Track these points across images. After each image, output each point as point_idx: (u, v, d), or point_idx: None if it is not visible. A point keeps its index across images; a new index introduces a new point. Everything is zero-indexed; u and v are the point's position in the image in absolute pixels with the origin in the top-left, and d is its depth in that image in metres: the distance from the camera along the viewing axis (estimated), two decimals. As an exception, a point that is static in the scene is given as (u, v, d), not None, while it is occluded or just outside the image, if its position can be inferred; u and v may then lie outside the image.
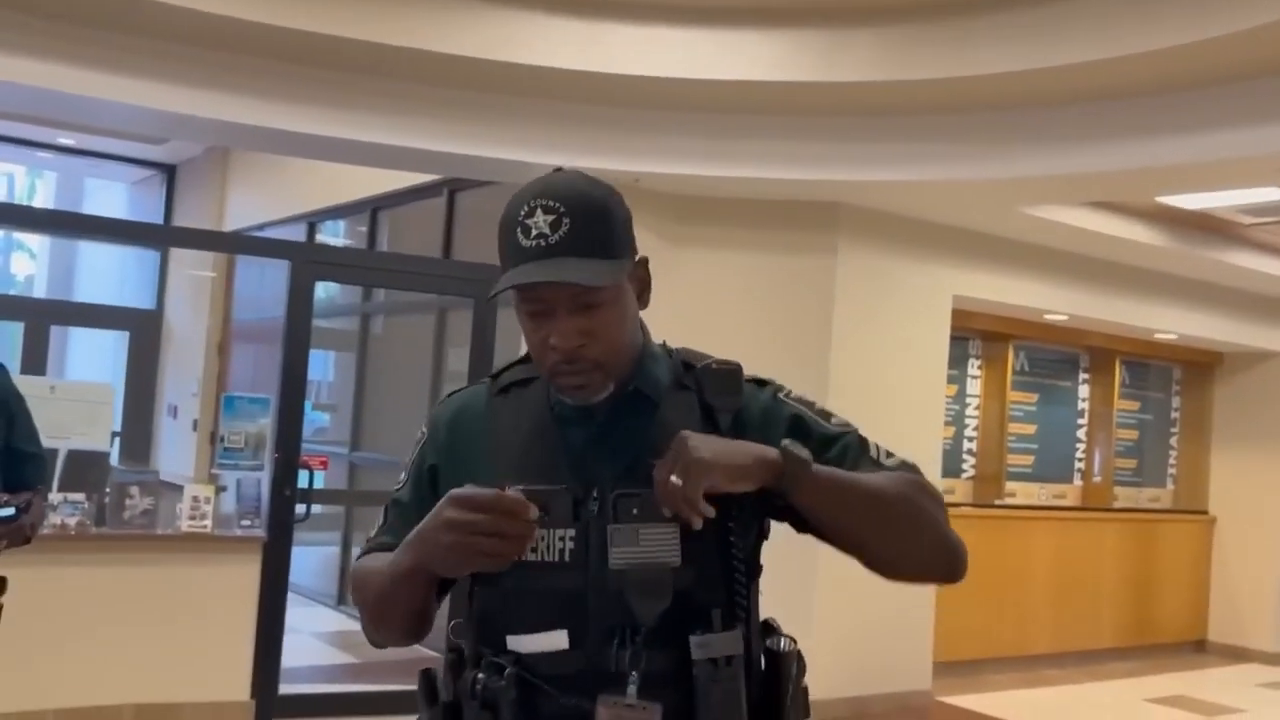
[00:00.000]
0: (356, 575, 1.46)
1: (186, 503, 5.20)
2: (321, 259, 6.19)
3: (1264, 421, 8.99)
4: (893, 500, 1.33)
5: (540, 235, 1.33)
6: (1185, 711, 7.06)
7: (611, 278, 1.33)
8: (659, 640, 1.30)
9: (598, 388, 1.36)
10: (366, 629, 1.47)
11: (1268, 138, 4.62)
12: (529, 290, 1.34)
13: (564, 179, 1.38)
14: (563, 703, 1.30)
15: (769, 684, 1.40)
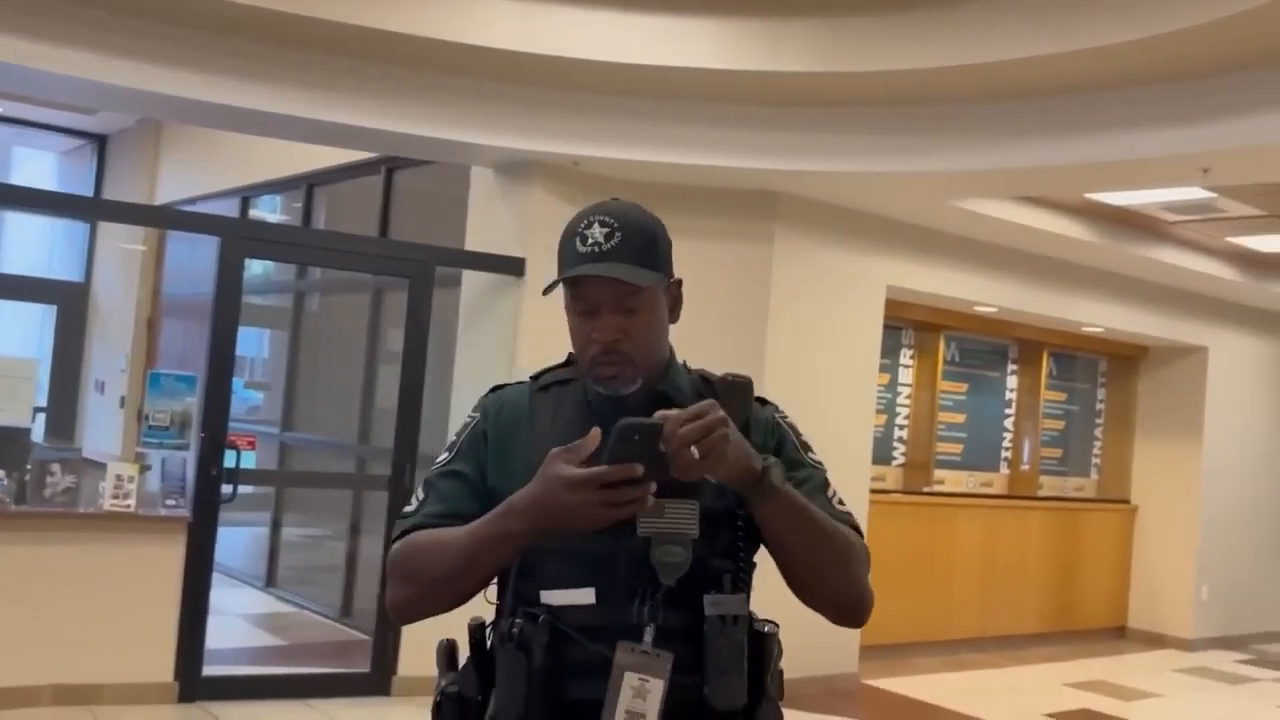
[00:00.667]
0: (412, 546, 1.55)
1: (110, 481, 5.11)
2: (252, 235, 6.10)
3: (1185, 414, 9.23)
4: (836, 544, 1.54)
5: (595, 243, 1.55)
6: (1104, 696, 7.24)
7: (650, 282, 1.55)
8: (675, 600, 1.49)
9: (628, 380, 1.56)
10: (408, 603, 1.56)
11: (1192, 138, 4.74)
12: (580, 289, 1.55)
13: (619, 204, 1.62)
14: (588, 649, 1.47)
15: (754, 661, 1.56)
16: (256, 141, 7.15)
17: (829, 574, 1.56)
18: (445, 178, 6.74)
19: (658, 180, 6.11)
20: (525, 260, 5.88)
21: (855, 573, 1.59)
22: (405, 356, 5.80)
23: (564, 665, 1.49)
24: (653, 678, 1.45)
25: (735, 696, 1.49)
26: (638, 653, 1.46)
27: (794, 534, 1.50)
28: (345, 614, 7.11)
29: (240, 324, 5.57)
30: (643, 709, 1.44)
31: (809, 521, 1.51)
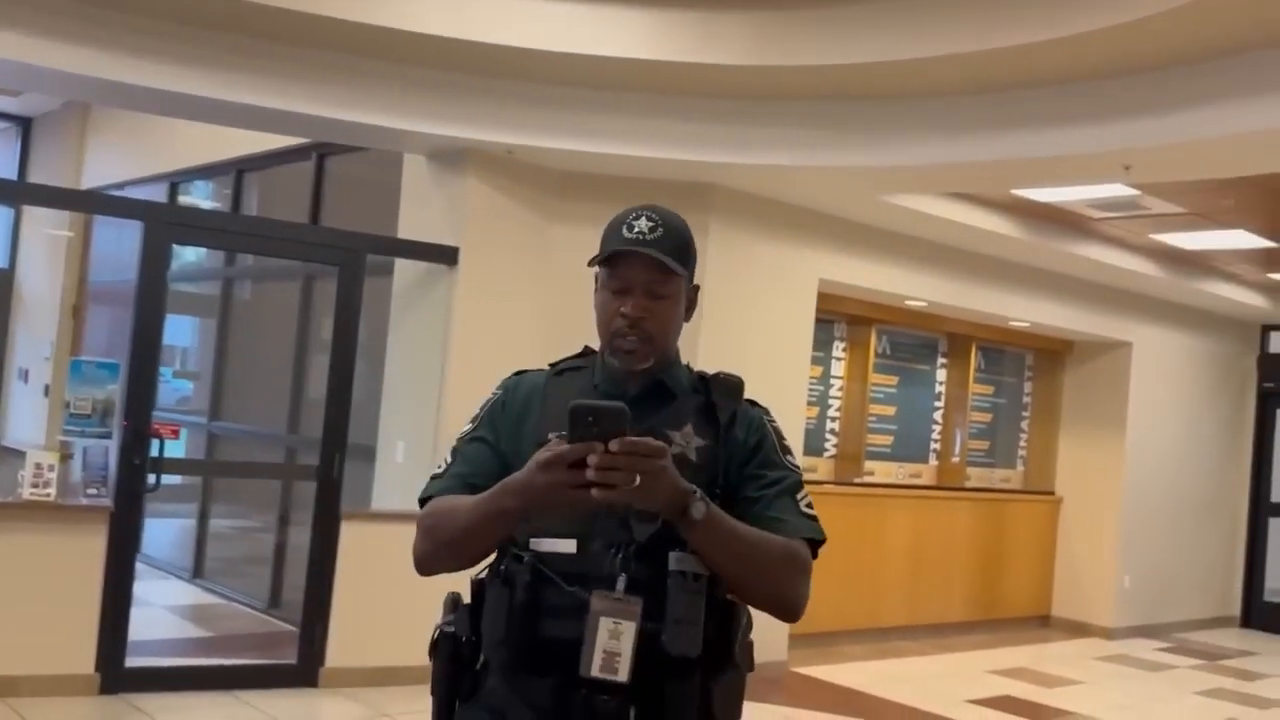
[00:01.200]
0: (435, 510, 1.75)
1: (29, 470, 5.01)
2: (178, 220, 5.99)
3: (1109, 407, 9.44)
4: (761, 563, 1.69)
5: (640, 232, 1.76)
6: (1027, 683, 7.39)
7: (680, 270, 1.77)
8: (646, 555, 1.65)
9: (643, 356, 1.77)
10: (432, 557, 1.76)
11: (1115, 135, 4.84)
12: (617, 268, 1.76)
13: (664, 208, 1.83)
14: (564, 591, 1.65)
15: (723, 628, 1.72)
16: (185, 126, 7.03)
17: (754, 586, 1.70)
18: (378, 165, 6.68)
19: (591, 170, 6.11)
20: (459, 249, 5.86)
21: (781, 584, 1.72)
22: (335, 345, 5.74)
23: (542, 605, 1.67)
24: (625, 620, 1.61)
25: (689, 645, 1.61)
26: (611, 599, 1.62)
27: (718, 556, 1.64)
28: (273, 605, 7.03)
29: (169, 312, 5.49)
30: (618, 649, 1.60)
31: (732, 546, 1.65)
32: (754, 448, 1.80)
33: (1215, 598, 10.47)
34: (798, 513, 1.77)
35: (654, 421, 1.74)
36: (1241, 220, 7.22)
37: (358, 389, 5.77)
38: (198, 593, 7.54)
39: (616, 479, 1.52)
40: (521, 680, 1.69)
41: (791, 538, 1.74)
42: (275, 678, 5.55)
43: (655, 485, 1.55)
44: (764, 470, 1.78)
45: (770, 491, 1.77)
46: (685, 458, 1.73)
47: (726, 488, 1.75)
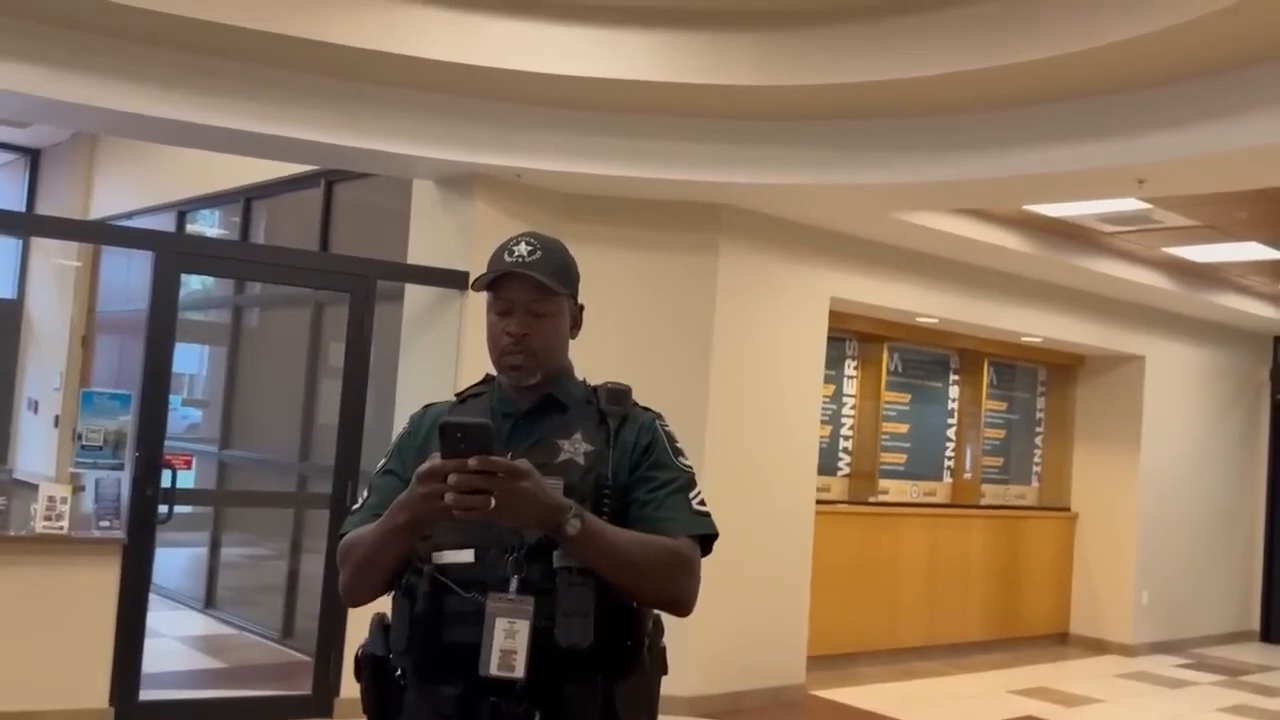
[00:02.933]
0: (348, 540, 1.85)
1: (41, 503, 4.98)
2: (187, 250, 5.98)
3: (1123, 422, 9.38)
4: (640, 567, 1.74)
5: (519, 256, 1.86)
6: (1047, 702, 7.31)
7: (560, 289, 1.88)
8: (536, 556, 1.73)
9: (529, 371, 1.87)
10: (349, 586, 1.85)
11: (1127, 150, 4.81)
12: (500, 290, 1.86)
13: (545, 235, 1.93)
14: (464, 597, 1.74)
15: (631, 632, 1.80)
16: (193, 155, 7.03)
17: (639, 589, 1.76)
18: (386, 191, 6.67)
19: (601, 193, 6.10)
20: (468, 274, 5.83)
21: (665, 585, 1.78)
22: (346, 372, 5.72)
23: (443, 612, 1.75)
24: (519, 620, 1.69)
25: (580, 635, 1.69)
26: (505, 600, 1.70)
27: (599, 565, 1.71)
28: (287, 635, 6.99)
29: (178, 340, 5.46)
30: (514, 646, 1.68)
31: (612, 555, 1.71)
32: (645, 448, 1.87)
33: (1234, 612, 10.37)
34: (688, 511, 1.84)
35: (545, 432, 1.87)
36: (1254, 232, 7.18)
37: (369, 415, 5.74)
38: (210, 623, 7.50)
39: (471, 501, 1.59)
40: (430, 689, 1.77)
41: (679, 537, 1.80)
42: (290, 708, 5.50)
43: (515, 504, 1.61)
44: (655, 472, 1.85)
45: (661, 493, 1.83)
46: (573, 462, 1.83)
47: (618, 489, 1.83)
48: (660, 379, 5.89)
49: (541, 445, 1.84)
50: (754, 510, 6.40)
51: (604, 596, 1.72)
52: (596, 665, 1.74)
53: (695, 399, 6.19)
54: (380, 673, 1.85)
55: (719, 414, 6.27)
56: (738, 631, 6.34)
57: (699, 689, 6.11)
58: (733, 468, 6.25)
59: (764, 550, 6.48)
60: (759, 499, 6.48)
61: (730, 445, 6.31)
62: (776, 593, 6.66)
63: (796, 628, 6.81)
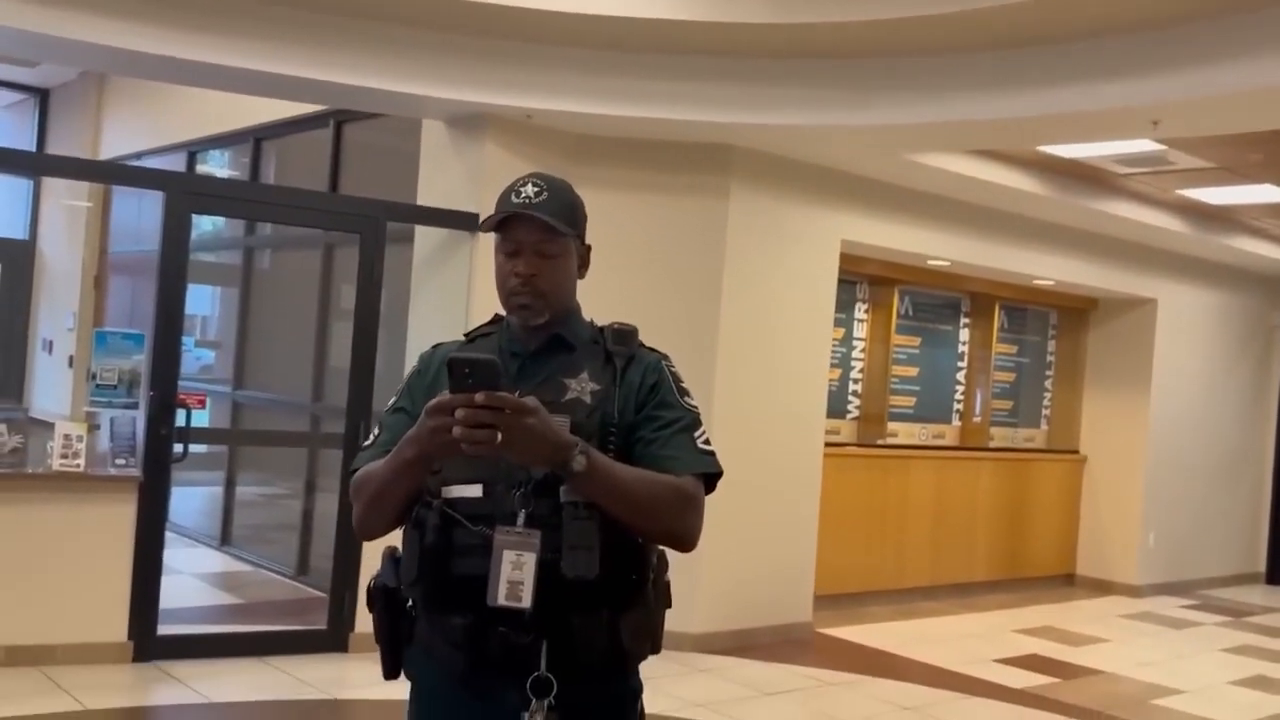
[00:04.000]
0: (360, 476, 1.87)
1: (58, 441, 5.04)
2: (199, 190, 5.98)
3: (1133, 365, 9.37)
4: (644, 504, 1.78)
5: (526, 197, 1.87)
6: (1052, 641, 7.40)
7: (567, 230, 1.88)
8: (543, 491, 1.76)
9: (537, 311, 1.89)
10: (362, 520, 1.88)
11: (1143, 90, 4.77)
12: (508, 231, 1.88)
13: (551, 175, 1.93)
14: (473, 531, 1.77)
15: (635, 567, 1.84)
16: (203, 95, 7.01)
17: (643, 525, 1.80)
18: (396, 131, 6.65)
19: (612, 134, 6.07)
20: (478, 215, 5.83)
21: (669, 521, 1.81)
22: (357, 312, 5.74)
23: (452, 545, 1.79)
24: (525, 552, 1.73)
25: (584, 568, 1.73)
26: (513, 533, 1.74)
27: (604, 501, 1.74)
28: (301, 572, 7.09)
29: (189, 281, 5.48)
30: (520, 578, 1.73)
31: (617, 491, 1.75)
32: (650, 388, 1.90)
33: (1240, 554, 10.44)
34: (693, 449, 1.87)
35: (552, 371, 1.89)
36: (1269, 175, 7.13)
37: (380, 356, 5.78)
38: (226, 560, 7.61)
39: (479, 435, 1.62)
40: (439, 619, 1.82)
41: (683, 474, 1.83)
42: (305, 644, 5.60)
43: (522, 441, 1.64)
44: (660, 411, 1.88)
45: (666, 432, 1.86)
46: (580, 400, 1.85)
47: (623, 427, 1.86)
48: (670, 321, 5.90)
49: (548, 384, 1.86)
50: (763, 452, 6.44)
51: (609, 531, 1.75)
52: (602, 598, 1.78)
53: (705, 341, 6.20)
54: (391, 603, 1.89)
55: (729, 356, 6.29)
56: (746, 570, 6.41)
57: (707, 626, 6.19)
58: (742, 410, 6.28)
59: (773, 491, 6.53)
60: (768, 441, 6.52)
61: (740, 388, 6.33)
62: (785, 533, 6.72)
63: (804, 567, 6.88)
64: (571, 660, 1.78)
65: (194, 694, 4.88)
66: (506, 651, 1.77)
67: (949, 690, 5.96)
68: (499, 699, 1.79)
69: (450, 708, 1.85)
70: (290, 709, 4.86)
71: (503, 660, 1.77)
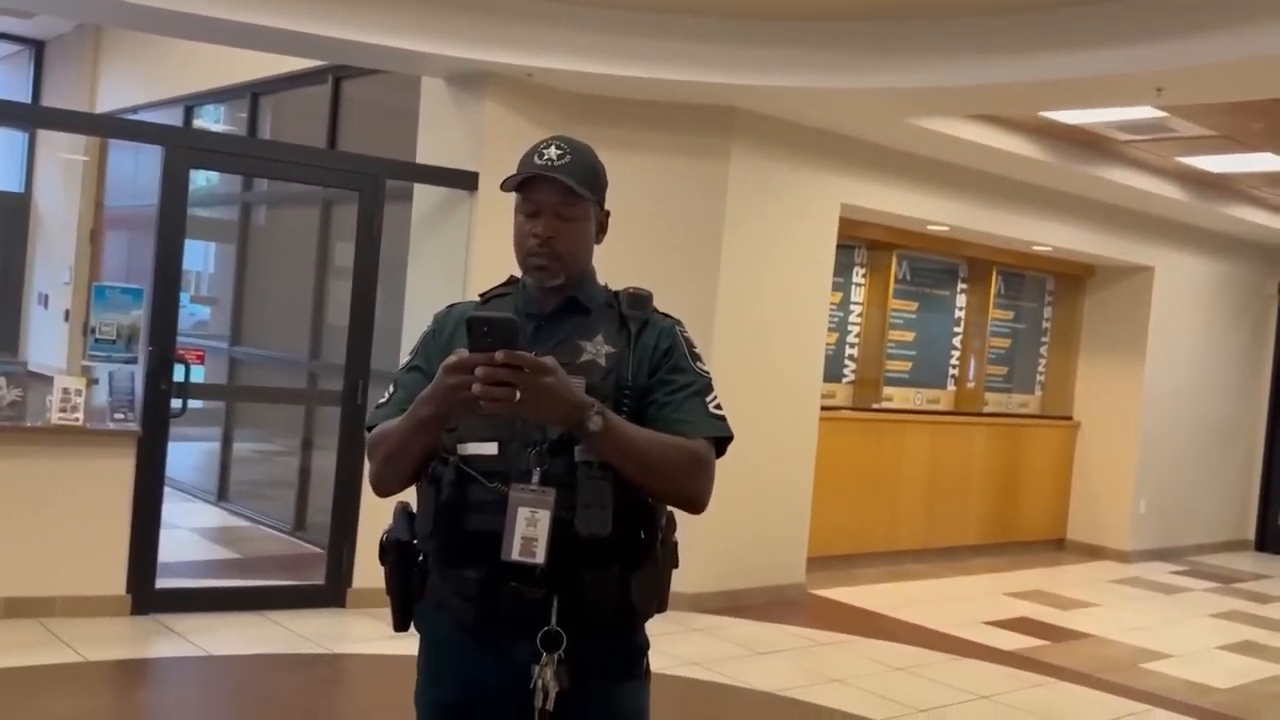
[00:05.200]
0: (376, 433, 1.90)
1: (56, 394, 5.05)
2: (197, 145, 5.95)
3: (1129, 333, 9.39)
4: (658, 466, 1.80)
5: (549, 159, 1.88)
6: (1042, 605, 7.47)
7: (587, 194, 1.89)
8: (558, 450, 1.80)
9: (554, 273, 1.90)
10: (378, 476, 1.91)
11: (1147, 56, 4.75)
12: (529, 192, 1.89)
13: (575, 139, 1.94)
14: (488, 487, 1.80)
15: (646, 527, 1.88)
16: (200, 48, 6.94)
17: (655, 486, 1.83)
18: (395, 88, 6.61)
19: (613, 94, 6.04)
20: (478, 174, 5.81)
21: (681, 483, 1.84)
22: (356, 271, 5.74)
23: (467, 501, 1.82)
24: (540, 509, 1.77)
25: (599, 526, 1.76)
26: (527, 491, 1.78)
27: (618, 462, 1.77)
28: (299, 528, 7.13)
29: (186, 237, 5.47)
30: (534, 534, 1.76)
31: (631, 453, 1.77)
32: (664, 353, 1.92)
33: (1230, 522, 10.52)
34: (705, 414, 1.90)
35: (567, 333, 1.91)
36: (1269, 143, 7.11)
37: (379, 315, 5.77)
38: (224, 515, 7.65)
39: (498, 393, 1.63)
40: (452, 573, 1.85)
41: (695, 437, 1.86)
42: (303, 598, 5.65)
43: (540, 400, 1.65)
44: (673, 375, 1.90)
45: (679, 396, 1.89)
46: (595, 363, 1.87)
47: (637, 390, 1.88)
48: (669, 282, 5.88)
49: (564, 345, 1.88)
50: (760, 414, 6.46)
51: (621, 491, 1.78)
52: (613, 555, 1.81)
53: (704, 302, 6.21)
54: (404, 557, 1.92)
55: (727, 318, 6.29)
56: (741, 531, 6.45)
57: (701, 586, 6.24)
58: (740, 371, 6.30)
59: (769, 453, 6.57)
60: (765, 403, 6.54)
61: (738, 349, 6.35)
62: (780, 495, 6.76)
63: (798, 529, 6.93)
64: (581, 615, 1.81)
65: (192, 647, 4.92)
66: (518, 605, 1.80)
67: (939, 651, 6.03)
68: (509, 651, 1.82)
69: (461, 659, 1.88)
70: (288, 663, 4.90)
71: (514, 614, 1.80)
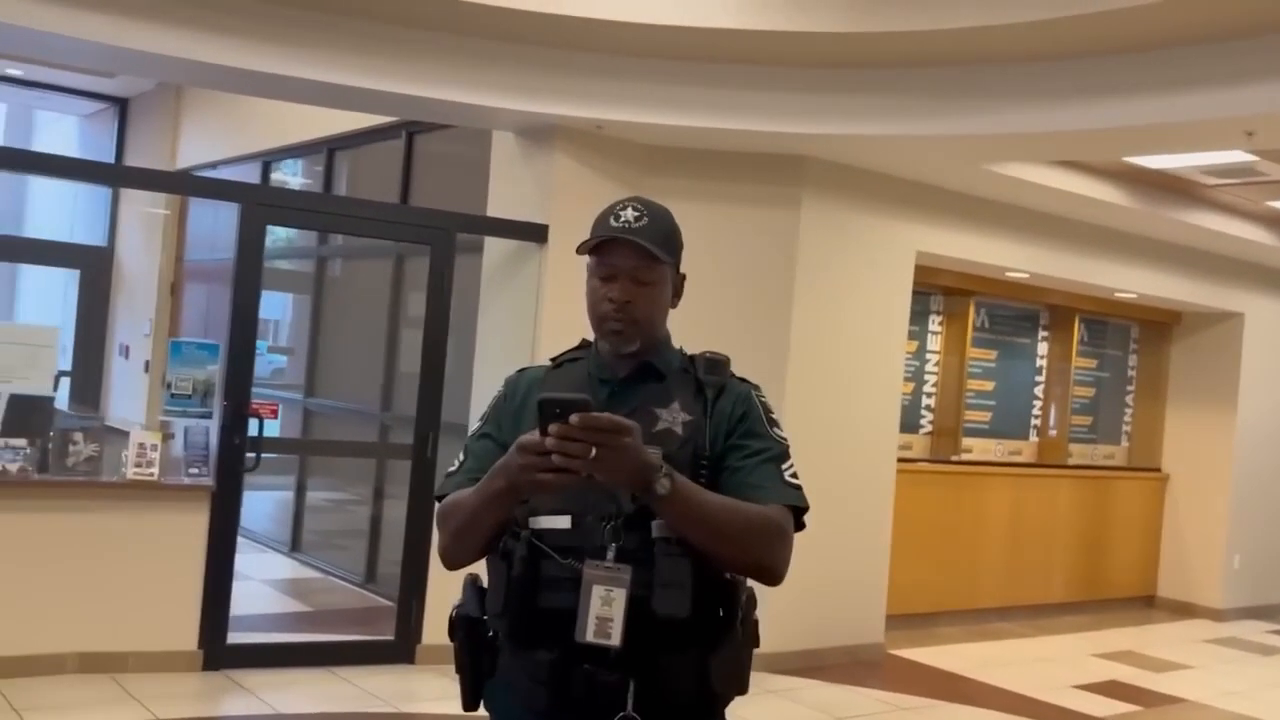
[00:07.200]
0: (446, 504, 1.86)
1: (132, 449, 5.09)
2: (272, 202, 6.02)
3: (1219, 381, 9.08)
4: (730, 532, 1.73)
5: (626, 221, 1.84)
6: (1132, 667, 7.17)
7: (664, 258, 1.85)
8: (634, 525, 1.73)
9: (630, 339, 1.85)
10: (448, 549, 1.86)
11: (1236, 100, 4.58)
12: (605, 255, 1.84)
13: (652, 201, 1.90)
14: (561, 563, 1.74)
15: (725, 604, 1.81)
16: (277, 105, 7.07)
17: (728, 555, 1.75)
18: (467, 142, 6.65)
19: (683, 144, 6.01)
20: (548, 227, 5.79)
21: (756, 552, 1.76)
22: (427, 323, 5.74)
23: (539, 577, 1.75)
24: (616, 588, 1.69)
25: (677, 606, 1.69)
26: (602, 568, 1.70)
27: (687, 528, 1.70)
28: (370, 579, 7.11)
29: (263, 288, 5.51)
30: (610, 614, 1.69)
31: (701, 517, 1.70)
32: (740, 418, 1.86)
33: (1330, 578, 10.06)
34: (780, 481, 1.83)
35: (642, 400, 1.85)
36: (1366, 185, 6.85)
37: (450, 366, 5.76)
38: (296, 566, 7.67)
39: (574, 449, 1.58)
40: (524, 653, 1.78)
41: (769, 504, 1.78)
42: (373, 654, 5.61)
43: (614, 460, 1.59)
44: (747, 440, 1.84)
45: (753, 461, 1.82)
46: (671, 431, 1.82)
47: (714, 458, 1.82)
48: (741, 334, 5.82)
49: (639, 414, 1.80)
50: (835, 468, 6.32)
51: (700, 568, 1.71)
52: (691, 636, 1.74)
53: (776, 354, 6.10)
54: (475, 634, 1.85)
55: (800, 369, 6.18)
56: (817, 589, 6.28)
57: (776, 646, 6.07)
58: (814, 424, 6.16)
59: (845, 508, 6.40)
60: (840, 457, 6.39)
61: (811, 401, 6.22)
62: (856, 551, 6.59)
63: (876, 587, 6.73)
64: (659, 701, 1.73)
65: (263, 705, 4.89)
66: (591, 690, 1.72)
67: (1026, 717, 5.79)
68: None
69: None
70: (356, 722, 4.84)
71: (587, 699, 1.73)
